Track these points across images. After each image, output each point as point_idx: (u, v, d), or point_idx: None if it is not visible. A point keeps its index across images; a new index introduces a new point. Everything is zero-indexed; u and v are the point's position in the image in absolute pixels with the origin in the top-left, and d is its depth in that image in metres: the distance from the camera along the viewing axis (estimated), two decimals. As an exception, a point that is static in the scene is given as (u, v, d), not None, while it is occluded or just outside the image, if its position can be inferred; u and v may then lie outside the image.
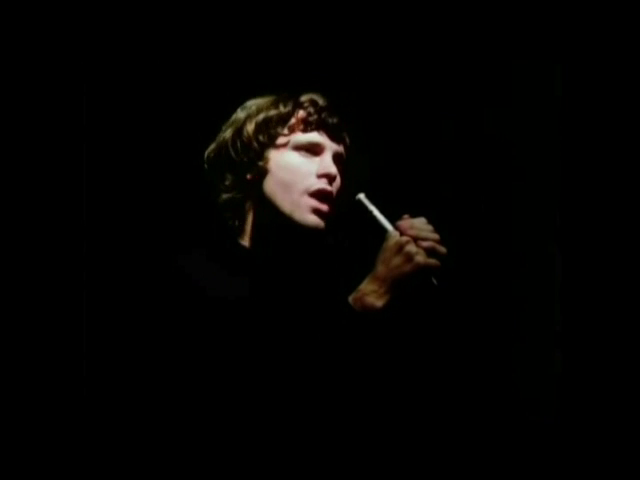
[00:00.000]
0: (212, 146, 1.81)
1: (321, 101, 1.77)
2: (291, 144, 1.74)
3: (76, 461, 2.21)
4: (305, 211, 1.71)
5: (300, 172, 1.72)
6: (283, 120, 1.75)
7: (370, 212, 1.71)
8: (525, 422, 2.26)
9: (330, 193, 1.73)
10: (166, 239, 2.23)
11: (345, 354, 1.58)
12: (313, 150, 1.74)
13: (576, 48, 2.31)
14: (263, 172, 1.74)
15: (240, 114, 1.80)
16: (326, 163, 1.74)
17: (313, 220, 1.71)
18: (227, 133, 1.79)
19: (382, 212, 1.70)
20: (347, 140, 1.80)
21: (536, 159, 2.34)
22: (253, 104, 1.80)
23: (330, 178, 1.72)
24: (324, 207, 1.71)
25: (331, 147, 1.76)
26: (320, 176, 1.72)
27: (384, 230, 1.68)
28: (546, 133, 2.32)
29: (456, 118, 2.37)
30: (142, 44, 2.34)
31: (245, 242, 1.78)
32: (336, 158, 1.76)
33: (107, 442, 2.22)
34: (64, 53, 2.29)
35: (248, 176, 1.76)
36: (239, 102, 1.83)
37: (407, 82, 2.37)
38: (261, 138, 1.74)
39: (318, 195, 1.71)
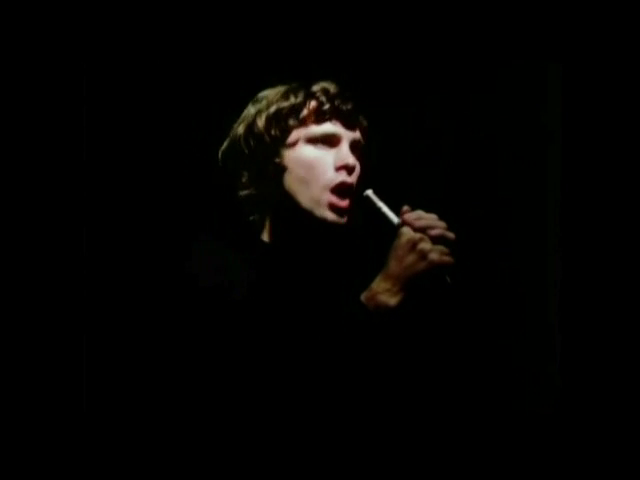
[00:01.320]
0: (226, 143, 1.77)
1: (333, 88, 1.71)
2: (305, 137, 1.69)
3: (77, 460, 2.16)
4: (325, 208, 1.66)
5: (318, 167, 1.67)
6: (295, 112, 1.69)
7: (379, 209, 1.66)
8: (525, 416, 2.25)
9: (350, 186, 1.68)
10: (181, 232, 2.17)
11: (359, 353, 1.54)
12: (329, 141, 1.69)
13: (576, 48, 2.30)
14: (281, 169, 1.69)
15: (251, 109, 1.75)
16: (343, 154, 1.68)
17: (333, 217, 1.67)
18: (239, 129, 1.74)
19: (390, 208, 1.66)
20: (364, 124, 1.75)
21: (537, 158, 2.34)
22: (264, 97, 1.74)
23: (349, 169, 1.67)
24: (344, 204, 1.67)
25: (347, 136, 1.70)
26: (338, 168, 1.67)
27: (393, 226, 1.63)
28: (547, 132, 2.32)
29: (457, 117, 2.35)
30: (150, 40, 2.29)
31: (265, 238, 1.74)
32: (353, 146, 1.71)
33: (108, 442, 2.16)
34: (69, 49, 2.25)
35: (266, 173, 1.71)
36: (251, 93, 1.78)
37: (408, 82, 2.35)
38: (273, 132, 1.69)
39: (338, 190, 1.66)
